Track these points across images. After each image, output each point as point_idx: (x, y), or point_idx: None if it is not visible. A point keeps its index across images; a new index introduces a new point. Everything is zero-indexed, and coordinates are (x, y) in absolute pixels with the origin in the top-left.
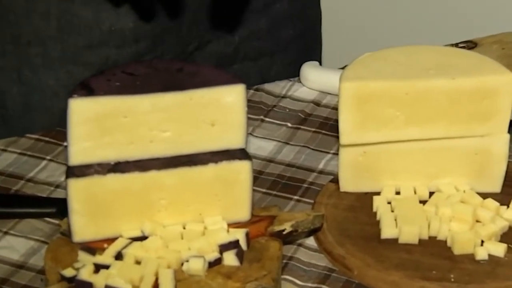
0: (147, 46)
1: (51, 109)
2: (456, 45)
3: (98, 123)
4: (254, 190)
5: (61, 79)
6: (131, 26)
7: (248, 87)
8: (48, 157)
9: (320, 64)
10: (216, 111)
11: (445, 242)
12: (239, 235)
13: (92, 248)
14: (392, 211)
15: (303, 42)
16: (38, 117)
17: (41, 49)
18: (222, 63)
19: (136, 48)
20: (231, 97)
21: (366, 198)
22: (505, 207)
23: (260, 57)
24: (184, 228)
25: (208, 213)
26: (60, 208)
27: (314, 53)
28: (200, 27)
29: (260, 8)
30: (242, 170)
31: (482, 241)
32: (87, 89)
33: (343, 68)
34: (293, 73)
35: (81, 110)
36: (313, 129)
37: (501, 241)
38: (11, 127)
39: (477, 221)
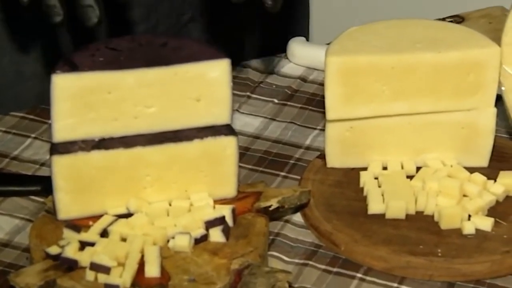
0: (141, 14)
1: (44, 76)
2: (444, 19)
3: (82, 99)
4: (240, 167)
5: (54, 46)
6: None
7: (239, 61)
8: (33, 135)
9: (308, 37)
10: (201, 87)
11: (432, 217)
12: (225, 211)
13: (77, 225)
14: (379, 186)
15: (292, 14)
16: (29, 83)
17: (32, 17)
18: (216, 36)
19: (129, 15)
20: (216, 72)
21: (353, 174)
22: (492, 181)
23: (255, 31)
24: (170, 204)
25: (194, 189)
26: (45, 186)
27: (302, 25)
28: None
29: None
30: (228, 146)
31: (469, 216)
32: (71, 65)
33: (329, 43)
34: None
35: (65, 86)
36: (300, 105)
37: (488, 215)
38: (3, 95)
39: (464, 195)
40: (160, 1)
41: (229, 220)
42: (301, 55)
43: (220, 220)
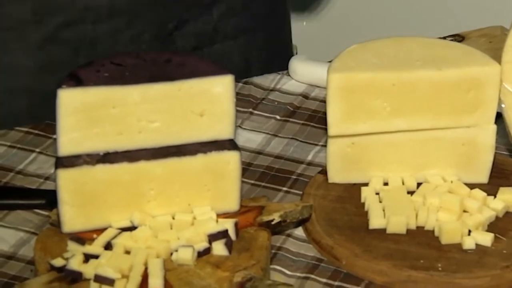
0: (124, 22)
1: (33, 90)
2: (444, 38)
3: (87, 114)
4: (243, 182)
5: (40, 60)
6: (106, 2)
7: (233, 71)
8: (37, 150)
9: (291, 43)
10: (205, 102)
11: (433, 232)
12: (228, 225)
13: (81, 238)
14: (380, 201)
15: (274, 20)
16: (20, 99)
17: (17, 33)
18: (203, 44)
19: (112, 24)
20: (220, 88)
21: (354, 189)
22: (492, 197)
23: (239, 35)
24: (173, 218)
25: (197, 203)
26: (49, 199)
27: (283, 32)
28: (177, 5)
29: None
30: (231, 160)
31: (469, 231)
32: (76, 80)
33: (331, 61)
34: (273, 53)
35: (70, 100)
36: (302, 122)
37: (488, 230)
38: None
39: (465, 211)
40: (143, 9)
41: (231, 233)
42: (303, 72)
43: (223, 234)
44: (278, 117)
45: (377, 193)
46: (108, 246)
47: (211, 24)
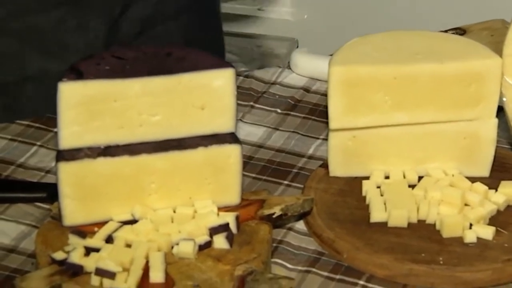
0: (71, 10)
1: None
2: (446, 32)
3: (88, 107)
4: (244, 175)
5: None
6: None
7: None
8: (38, 143)
9: (221, 26)
10: (206, 95)
11: (434, 225)
12: (229, 218)
13: (82, 231)
14: (381, 195)
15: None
16: None
17: None
18: (147, 26)
19: (59, 12)
20: (220, 81)
21: (355, 183)
22: (493, 190)
23: (179, 15)
24: (174, 211)
25: (198, 196)
26: (50, 192)
27: (215, 12)
28: None
29: None
30: (232, 154)
31: (471, 224)
32: (77, 73)
33: (332, 54)
34: (206, 34)
35: (71, 93)
36: (303, 115)
37: (489, 224)
38: None
39: (466, 204)
40: None
41: (233, 227)
42: (304, 65)
43: (224, 227)
44: (279, 110)
45: (378, 187)
46: (109, 240)
47: (151, 5)
